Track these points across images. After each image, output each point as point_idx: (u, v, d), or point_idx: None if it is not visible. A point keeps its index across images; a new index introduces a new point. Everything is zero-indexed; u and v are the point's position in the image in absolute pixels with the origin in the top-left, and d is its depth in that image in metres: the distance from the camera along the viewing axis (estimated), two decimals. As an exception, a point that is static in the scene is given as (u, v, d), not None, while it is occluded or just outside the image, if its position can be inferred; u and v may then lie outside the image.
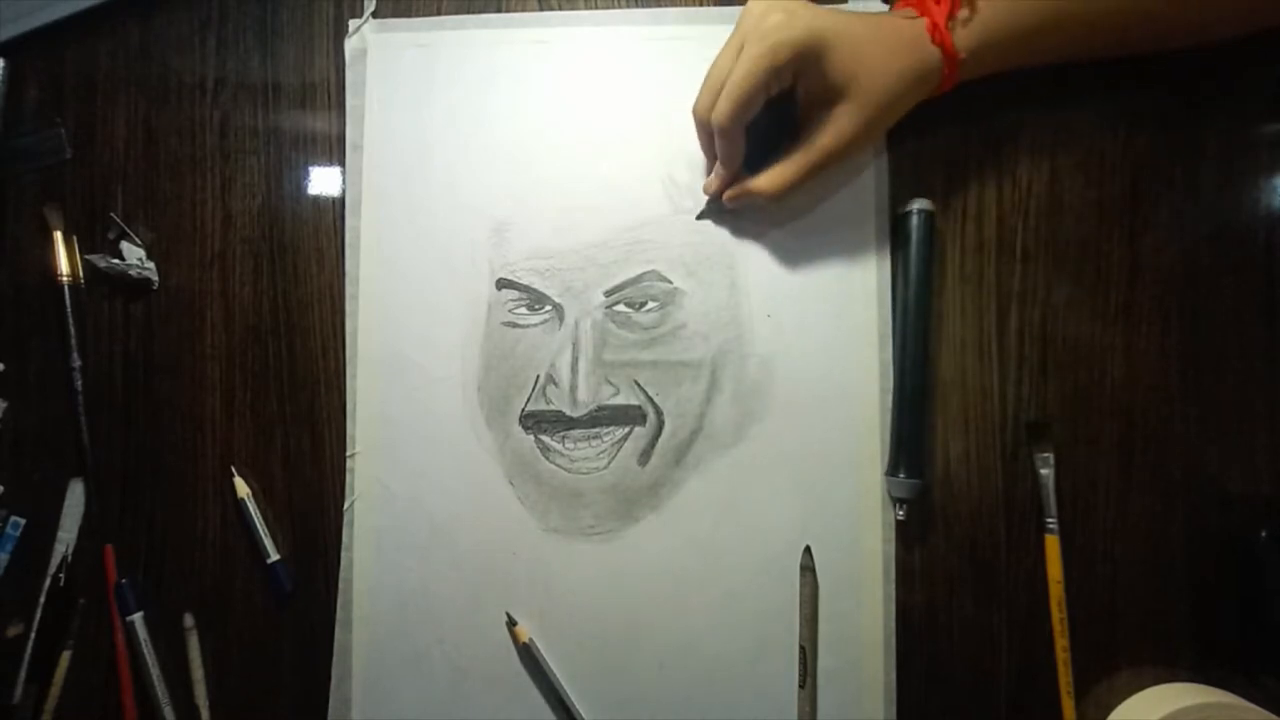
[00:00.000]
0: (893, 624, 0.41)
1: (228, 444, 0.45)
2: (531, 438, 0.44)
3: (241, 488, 0.44)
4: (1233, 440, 0.41)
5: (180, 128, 0.47)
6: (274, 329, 0.46)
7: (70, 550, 0.45)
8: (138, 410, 0.46)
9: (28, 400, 0.46)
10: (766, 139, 0.40)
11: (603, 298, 0.43)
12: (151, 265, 0.46)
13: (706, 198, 0.43)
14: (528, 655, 0.42)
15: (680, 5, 0.45)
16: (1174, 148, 0.42)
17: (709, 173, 0.42)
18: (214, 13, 0.47)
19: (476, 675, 0.43)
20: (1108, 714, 0.40)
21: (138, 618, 0.44)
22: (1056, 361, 0.42)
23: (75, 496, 0.45)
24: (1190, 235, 0.42)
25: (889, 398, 0.42)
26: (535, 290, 0.44)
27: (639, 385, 0.43)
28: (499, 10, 0.46)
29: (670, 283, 0.43)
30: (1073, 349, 0.42)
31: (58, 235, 0.46)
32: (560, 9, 0.45)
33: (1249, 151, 0.42)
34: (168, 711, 0.44)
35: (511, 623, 0.43)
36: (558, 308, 0.44)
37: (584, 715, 0.42)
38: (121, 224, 0.46)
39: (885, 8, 0.43)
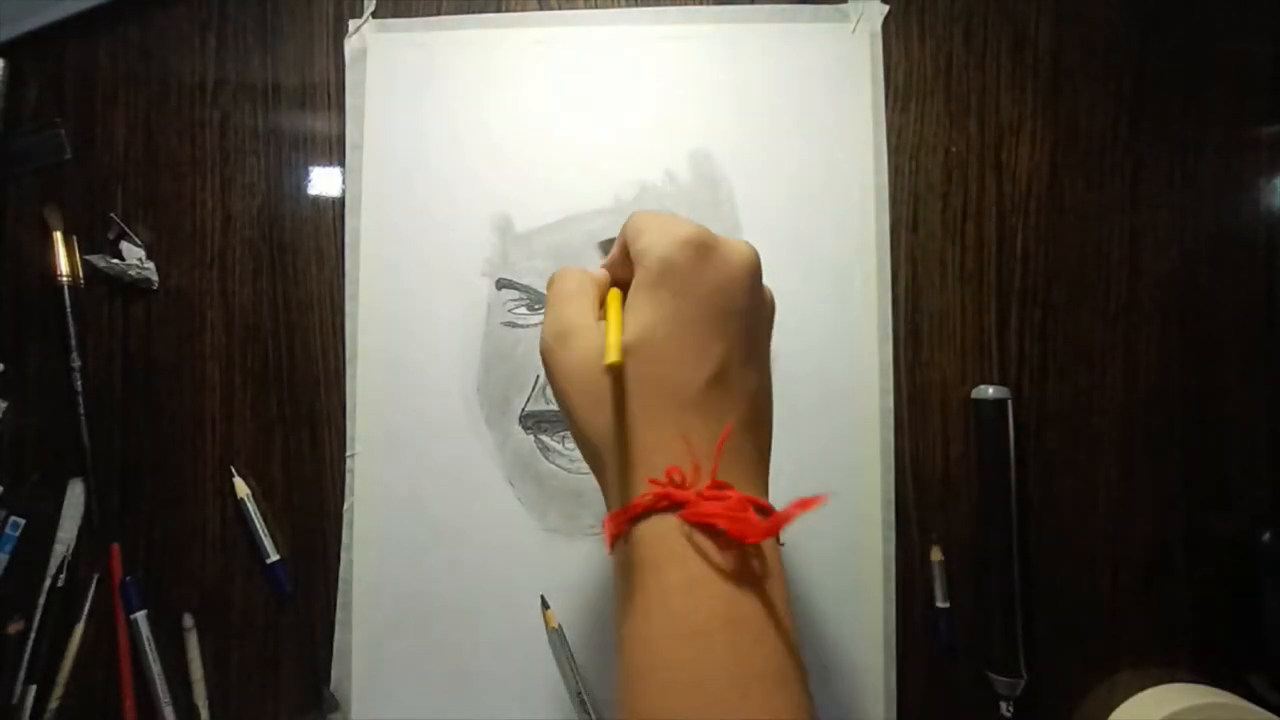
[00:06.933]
0: (893, 624, 0.41)
1: (228, 444, 0.45)
2: (531, 438, 0.44)
3: (241, 488, 0.44)
4: (1233, 441, 0.41)
5: (180, 128, 0.47)
6: (274, 329, 0.46)
7: (70, 550, 0.45)
8: (137, 410, 0.46)
9: (27, 400, 0.46)
10: None
11: (603, 298, 0.43)
12: (151, 265, 0.46)
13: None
14: (557, 640, 0.42)
15: (680, 5, 0.45)
16: (1174, 148, 0.42)
17: None
18: (214, 13, 0.47)
19: (476, 675, 0.43)
20: (1109, 714, 0.40)
21: (141, 616, 0.44)
22: (1056, 361, 0.42)
23: (75, 496, 0.45)
24: (1190, 235, 0.42)
25: (889, 398, 0.42)
26: (535, 290, 0.44)
27: (639, 385, 0.43)
28: (499, 10, 0.46)
29: (670, 283, 0.43)
30: (1073, 349, 0.42)
31: (57, 235, 0.46)
32: (560, 9, 0.45)
33: (1249, 151, 0.42)
34: (168, 712, 0.44)
35: (545, 606, 0.43)
36: (558, 308, 0.44)
37: (593, 709, 0.42)
38: (121, 224, 0.46)
39: (886, 8, 0.43)
